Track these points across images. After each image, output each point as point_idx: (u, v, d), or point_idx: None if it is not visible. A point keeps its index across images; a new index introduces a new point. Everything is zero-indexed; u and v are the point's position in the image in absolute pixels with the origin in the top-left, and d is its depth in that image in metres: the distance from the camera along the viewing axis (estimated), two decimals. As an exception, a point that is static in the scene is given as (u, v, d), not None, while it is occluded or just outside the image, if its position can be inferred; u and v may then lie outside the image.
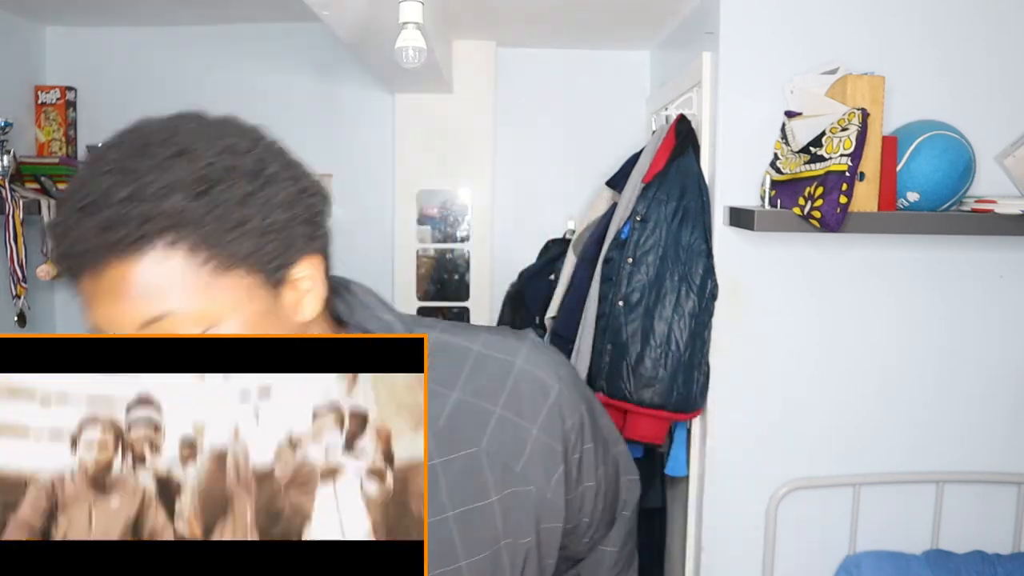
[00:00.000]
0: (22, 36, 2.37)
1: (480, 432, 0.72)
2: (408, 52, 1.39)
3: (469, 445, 0.72)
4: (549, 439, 0.75)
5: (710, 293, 1.70)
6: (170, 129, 0.68)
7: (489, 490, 0.72)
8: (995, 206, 1.60)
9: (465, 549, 0.72)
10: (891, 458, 1.80)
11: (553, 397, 0.75)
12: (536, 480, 0.74)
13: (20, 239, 2.09)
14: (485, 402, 0.73)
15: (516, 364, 0.75)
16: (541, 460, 0.74)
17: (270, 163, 0.69)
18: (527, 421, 0.74)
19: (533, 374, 0.75)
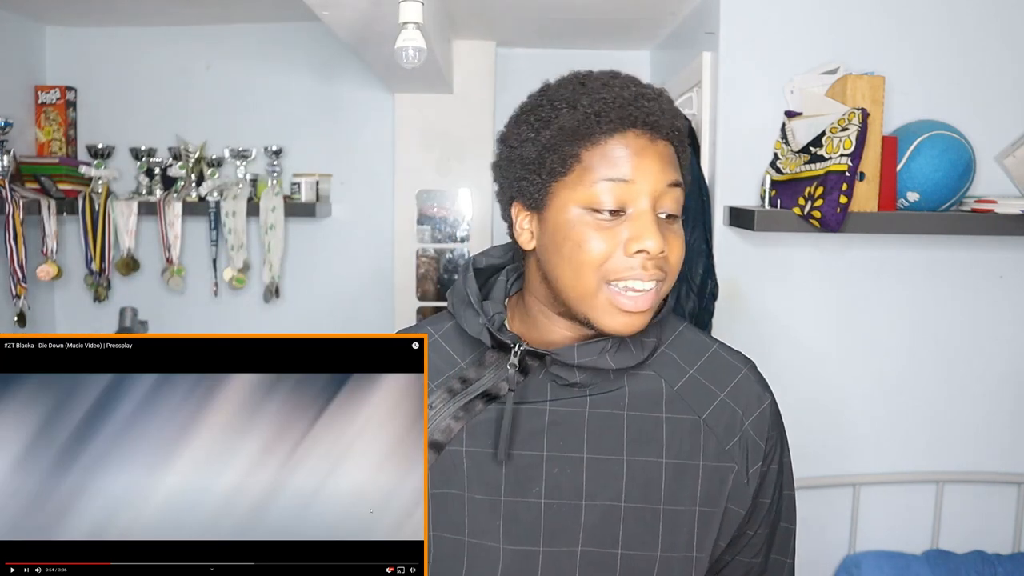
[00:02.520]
0: (22, 36, 2.37)
1: (704, 406, 0.85)
2: (408, 52, 1.39)
3: (693, 413, 0.85)
4: (756, 436, 0.86)
5: (710, 293, 1.70)
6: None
7: (700, 454, 0.84)
8: (995, 206, 1.60)
9: (668, 496, 0.83)
10: (891, 458, 1.80)
11: (766, 405, 0.88)
12: (739, 462, 0.85)
13: (20, 239, 2.09)
14: (714, 386, 0.87)
15: (743, 370, 0.90)
16: (747, 449, 0.85)
17: None
18: (743, 413, 0.86)
19: (753, 381, 0.89)
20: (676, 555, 0.83)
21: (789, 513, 0.94)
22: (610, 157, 0.77)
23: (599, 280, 0.78)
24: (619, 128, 0.78)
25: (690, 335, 0.90)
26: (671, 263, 0.80)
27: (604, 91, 0.79)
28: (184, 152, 2.38)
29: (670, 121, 0.80)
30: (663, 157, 0.79)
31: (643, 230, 0.76)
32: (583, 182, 0.78)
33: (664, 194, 0.78)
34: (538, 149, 0.80)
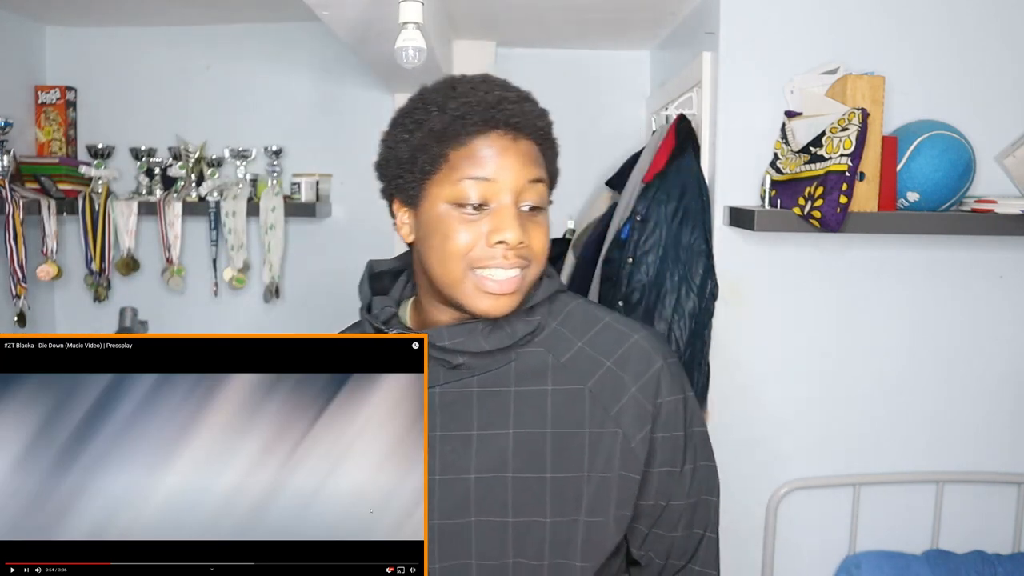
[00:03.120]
0: (22, 36, 2.36)
1: (589, 375, 0.90)
2: (408, 52, 1.39)
3: (578, 382, 0.90)
4: (643, 399, 0.89)
5: (710, 293, 1.70)
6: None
7: (585, 421, 0.89)
8: (995, 206, 1.60)
9: (553, 464, 0.88)
10: (891, 458, 1.80)
11: (655, 369, 0.90)
12: (625, 427, 0.89)
13: (20, 239, 2.09)
14: (600, 355, 0.91)
15: (633, 337, 0.92)
16: (633, 413, 0.89)
17: None
18: (629, 378, 0.90)
19: (644, 347, 0.91)
20: (565, 519, 0.88)
21: (709, 486, 0.96)
22: (474, 157, 0.85)
23: (465, 268, 0.86)
24: (483, 129, 0.85)
25: (582, 311, 0.95)
26: (534, 251, 0.87)
27: (470, 95, 0.86)
28: (184, 152, 2.38)
29: (532, 122, 0.87)
30: (525, 155, 0.86)
31: (503, 223, 0.84)
32: (450, 180, 0.85)
33: (526, 189, 0.86)
34: (411, 150, 0.88)
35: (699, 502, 0.95)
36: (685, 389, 0.94)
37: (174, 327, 2.46)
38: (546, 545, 0.88)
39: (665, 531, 0.94)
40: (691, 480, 0.93)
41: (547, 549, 0.88)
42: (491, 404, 0.89)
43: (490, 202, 0.85)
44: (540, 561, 0.88)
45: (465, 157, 0.85)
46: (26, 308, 2.15)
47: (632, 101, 2.54)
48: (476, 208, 0.85)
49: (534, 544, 0.88)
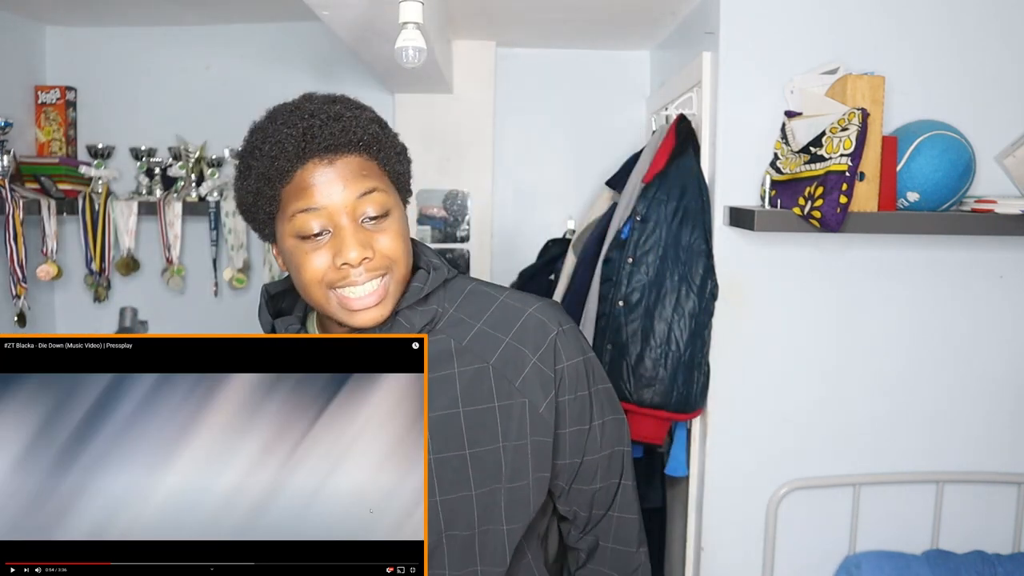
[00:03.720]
0: (22, 36, 2.37)
1: (491, 353, 0.95)
2: (408, 52, 1.39)
3: (481, 361, 0.94)
4: (544, 367, 0.95)
5: (710, 293, 1.70)
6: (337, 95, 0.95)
7: (492, 396, 0.94)
8: (995, 206, 1.60)
9: (470, 441, 0.93)
10: (891, 458, 1.80)
11: (551, 336, 0.96)
12: (531, 395, 0.95)
13: (20, 239, 2.09)
14: (499, 332, 0.95)
15: (527, 311, 0.97)
16: (536, 381, 0.95)
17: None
18: (528, 350, 0.95)
19: (538, 318, 0.96)
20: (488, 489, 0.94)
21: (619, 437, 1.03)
22: (299, 191, 0.87)
23: (325, 290, 0.89)
24: (298, 164, 0.87)
25: (478, 293, 0.99)
26: (388, 257, 0.90)
27: (280, 131, 0.87)
28: (184, 152, 2.38)
29: (347, 137, 0.88)
30: (347, 174, 0.88)
31: (342, 246, 0.87)
32: (287, 216, 0.89)
33: (358, 204, 0.88)
34: (251, 195, 0.91)
35: (612, 453, 1.02)
36: (585, 351, 0.99)
37: (174, 327, 2.46)
38: (474, 516, 0.94)
39: (584, 485, 1.01)
40: (601, 435, 1.00)
41: (475, 519, 0.94)
42: None
43: (327, 228, 0.88)
44: (471, 531, 0.94)
45: (292, 193, 0.88)
46: (26, 308, 2.15)
47: (632, 101, 2.54)
48: (317, 236, 0.88)
49: (464, 517, 0.94)
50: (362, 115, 0.91)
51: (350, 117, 0.89)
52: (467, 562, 0.94)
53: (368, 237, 0.88)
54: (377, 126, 0.92)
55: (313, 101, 0.91)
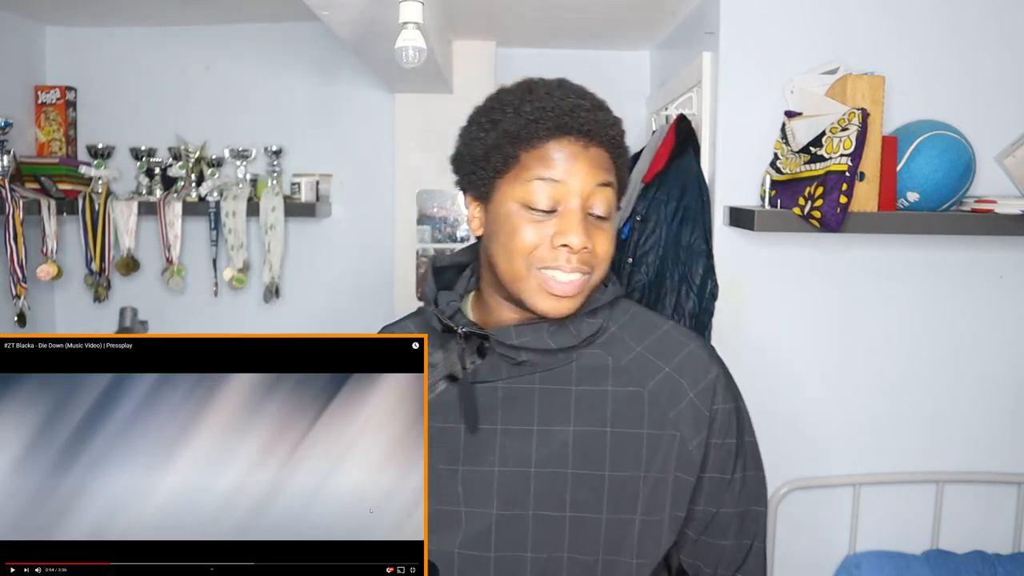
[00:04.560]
0: (22, 36, 2.36)
1: (649, 379, 0.92)
2: (408, 52, 1.39)
3: (638, 385, 0.92)
4: (701, 405, 0.92)
5: (710, 293, 1.70)
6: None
7: (643, 423, 0.91)
8: (995, 206, 1.60)
9: (612, 463, 0.90)
10: (891, 458, 1.80)
11: (712, 376, 0.94)
12: (683, 430, 0.91)
13: (20, 239, 2.09)
14: (659, 360, 0.94)
15: (690, 345, 0.95)
16: (691, 416, 0.92)
17: None
18: (688, 384, 0.92)
19: (701, 355, 0.95)
20: (621, 517, 0.90)
21: (757, 496, 0.98)
22: (545, 159, 0.87)
23: (529, 266, 0.88)
24: (555, 134, 0.87)
25: (642, 317, 0.99)
26: (598, 257, 0.89)
27: (546, 100, 0.88)
28: (184, 152, 2.38)
29: (605, 130, 0.89)
30: (594, 161, 0.88)
31: (569, 227, 0.87)
32: (520, 179, 0.88)
33: (593, 193, 0.88)
34: (485, 148, 0.90)
35: (748, 511, 0.96)
36: (738, 399, 0.97)
37: (174, 327, 2.46)
38: (600, 541, 0.90)
39: (714, 539, 0.95)
40: (740, 488, 0.95)
41: (601, 545, 0.90)
42: (552, 401, 0.91)
43: (558, 205, 0.87)
44: (594, 556, 0.90)
45: (536, 159, 0.87)
46: (26, 308, 2.15)
47: (632, 101, 2.54)
48: (544, 210, 0.87)
49: (589, 540, 0.90)
50: (614, 116, 0.93)
51: (608, 111, 0.91)
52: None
53: (591, 232, 0.88)
54: (622, 133, 0.93)
55: (572, 86, 0.93)
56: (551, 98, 0.88)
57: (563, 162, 0.87)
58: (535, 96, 0.89)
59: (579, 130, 0.87)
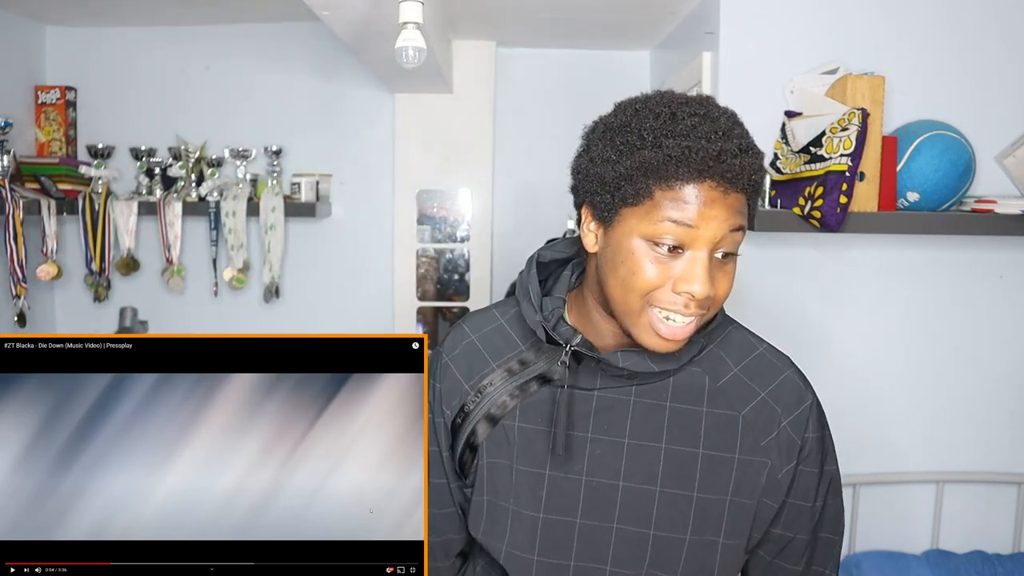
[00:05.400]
0: (22, 36, 2.36)
1: (744, 403, 0.91)
2: (408, 52, 1.39)
3: (733, 408, 0.91)
4: (793, 434, 0.91)
5: (710, 293, 1.70)
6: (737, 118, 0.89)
7: (736, 448, 0.90)
8: (995, 206, 1.60)
9: (701, 485, 0.89)
10: (891, 458, 1.80)
11: (806, 405, 0.93)
12: (774, 458, 0.90)
13: (20, 239, 2.09)
14: (755, 384, 0.93)
15: (786, 372, 0.95)
16: (783, 444, 0.91)
17: None
18: (782, 412, 0.92)
19: (796, 382, 0.94)
20: (704, 539, 0.89)
21: (834, 524, 0.97)
22: (680, 201, 0.81)
23: (643, 304, 0.84)
24: (696, 178, 0.81)
25: (738, 336, 0.97)
26: (720, 298, 0.87)
27: (691, 137, 0.82)
28: (184, 152, 2.38)
29: (748, 176, 0.83)
30: (731, 207, 0.83)
31: (694, 275, 0.82)
32: (650, 217, 0.82)
33: (725, 238, 0.83)
34: (616, 174, 0.84)
35: (824, 540, 0.96)
36: (825, 427, 0.96)
37: (174, 327, 2.46)
38: (682, 562, 0.89)
39: (788, 563, 0.95)
40: (820, 516, 0.95)
41: (682, 566, 0.89)
42: (646, 415, 0.90)
43: (686, 248, 0.83)
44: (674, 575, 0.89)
45: (671, 199, 0.81)
46: (26, 308, 2.15)
47: (632, 101, 2.54)
48: (671, 251, 0.82)
49: (671, 559, 0.89)
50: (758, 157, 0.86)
51: (754, 155, 0.85)
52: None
53: (715, 274, 0.84)
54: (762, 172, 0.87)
55: (726, 118, 0.85)
56: (697, 136, 0.82)
57: (699, 207, 0.81)
58: (679, 129, 0.82)
59: (722, 176, 0.81)
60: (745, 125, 0.88)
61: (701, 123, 0.83)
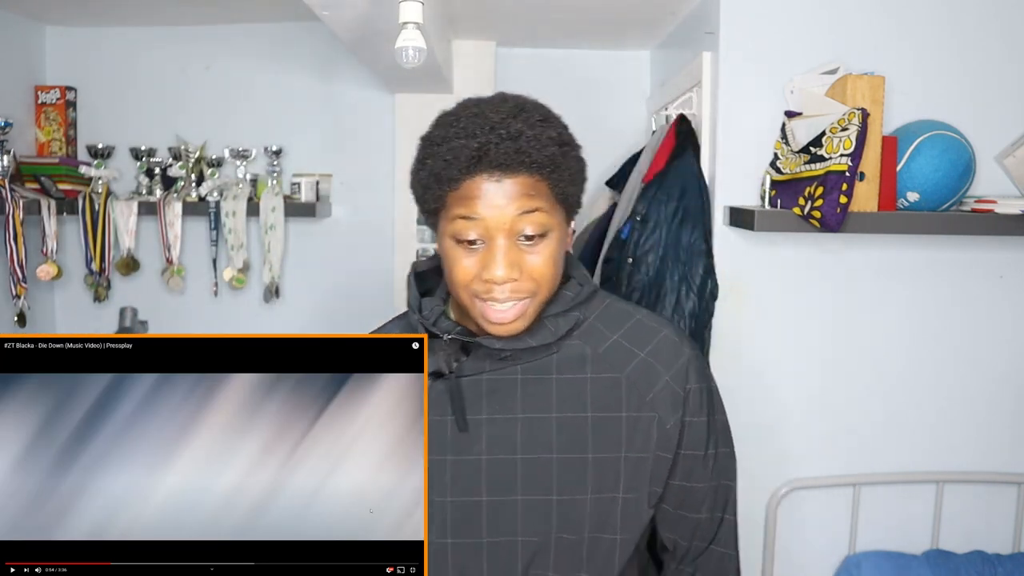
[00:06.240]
0: (22, 36, 2.36)
1: (625, 365, 0.98)
2: (408, 52, 1.39)
3: (615, 371, 0.97)
4: (675, 386, 0.98)
5: (710, 293, 1.70)
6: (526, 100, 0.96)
7: (622, 406, 0.96)
8: (995, 206, 1.60)
9: (595, 446, 0.95)
10: (891, 458, 1.80)
11: (685, 358, 0.99)
12: (660, 411, 0.97)
13: (20, 239, 2.09)
14: (634, 347, 0.99)
15: (663, 331, 1.01)
16: (667, 397, 0.97)
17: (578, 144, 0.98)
18: (662, 367, 0.98)
19: (673, 339, 1.00)
20: (604, 496, 0.96)
21: (729, 471, 1.05)
22: (464, 198, 0.89)
23: (470, 296, 0.92)
24: (469, 173, 0.89)
25: (616, 308, 1.03)
26: (535, 279, 0.92)
27: (461, 137, 0.89)
28: (184, 152, 2.38)
29: (522, 158, 0.89)
30: (513, 192, 0.89)
31: (491, 262, 0.89)
32: (448, 217, 0.91)
33: (517, 222, 0.89)
34: (421, 187, 0.95)
35: (720, 486, 1.03)
36: (709, 379, 1.02)
37: (174, 327, 2.46)
38: (586, 521, 0.95)
39: (690, 512, 1.02)
40: (713, 464, 1.01)
41: (587, 524, 0.95)
42: (535, 390, 0.96)
43: (482, 239, 0.90)
44: (581, 535, 0.95)
45: (456, 199, 0.90)
46: (26, 308, 2.15)
47: (632, 101, 2.54)
48: (472, 243, 0.90)
49: (575, 521, 0.95)
50: (543, 134, 0.91)
51: (529, 137, 0.89)
52: (574, 567, 0.96)
53: (519, 257, 0.90)
54: (556, 146, 0.92)
55: (499, 110, 0.91)
56: (465, 135, 0.89)
57: (479, 200, 0.89)
58: (453, 132, 0.90)
59: (493, 164, 0.88)
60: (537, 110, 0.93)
61: (471, 121, 0.90)
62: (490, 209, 0.89)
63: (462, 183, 0.89)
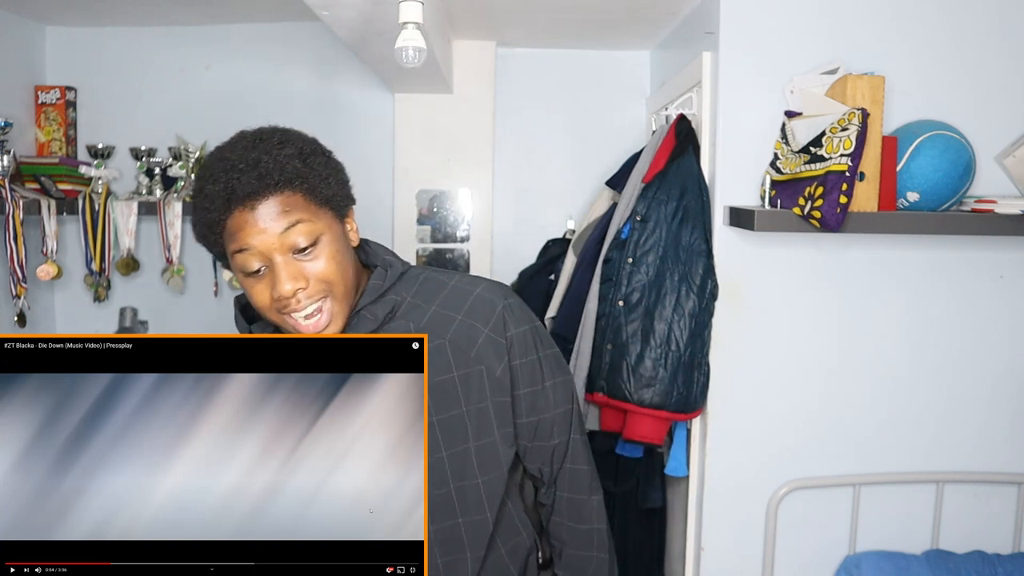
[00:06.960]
0: (22, 36, 2.36)
1: (446, 330, 1.06)
2: (408, 52, 1.39)
3: (439, 338, 1.05)
4: (495, 336, 1.07)
5: (710, 293, 1.70)
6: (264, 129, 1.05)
7: (451, 367, 1.05)
8: (995, 206, 1.60)
9: (436, 409, 1.04)
10: (891, 458, 1.80)
11: (499, 309, 1.08)
12: (486, 362, 1.06)
13: (20, 239, 2.09)
14: (451, 312, 1.07)
15: (475, 291, 1.09)
16: (490, 349, 1.06)
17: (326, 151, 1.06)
18: (479, 323, 1.07)
19: (485, 296, 1.09)
20: (456, 451, 1.05)
21: (568, 396, 1.14)
22: (231, 236, 0.97)
23: (277, 316, 0.99)
24: (225, 215, 0.96)
25: (431, 280, 1.11)
26: (324, 280, 0.98)
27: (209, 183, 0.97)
28: (184, 152, 2.38)
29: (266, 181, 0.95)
30: (270, 214, 0.95)
31: (276, 281, 0.96)
32: (230, 255, 0.98)
33: (284, 238, 0.96)
34: (201, 237, 1.02)
35: (564, 411, 1.13)
36: (532, 320, 1.11)
37: (174, 327, 2.46)
38: (448, 474, 1.04)
39: (543, 441, 1.12)
40: (553, 394, 1.11)
41: (450, 477, 1.05)
42: None
43: (264, 264, 0.96)
44: (447, 488, 1.04)
45: (228, 237, 0.97)
46: (26, 308, 2.15)
47: (632, 101, 2.54)
48: (257, 272, 0.97)
49: (439, 476, 1.04)
50: (281, 153, 0.97)
51: (267, 162, 0.96)
52: (448, 516, 1.05)
53: (300, 267, 0.97)
54: (298, 161, 0.98)
55: (236, 147, 0.98)
56: (210, 182, 0.96)
57: (242, 232, 0.95)
58: (204, 182, 0.97)
59: (241, 197, 0.95)
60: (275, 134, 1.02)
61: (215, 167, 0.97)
62: (256, 236, 0.95)
63: (225, 223, 0.96)
